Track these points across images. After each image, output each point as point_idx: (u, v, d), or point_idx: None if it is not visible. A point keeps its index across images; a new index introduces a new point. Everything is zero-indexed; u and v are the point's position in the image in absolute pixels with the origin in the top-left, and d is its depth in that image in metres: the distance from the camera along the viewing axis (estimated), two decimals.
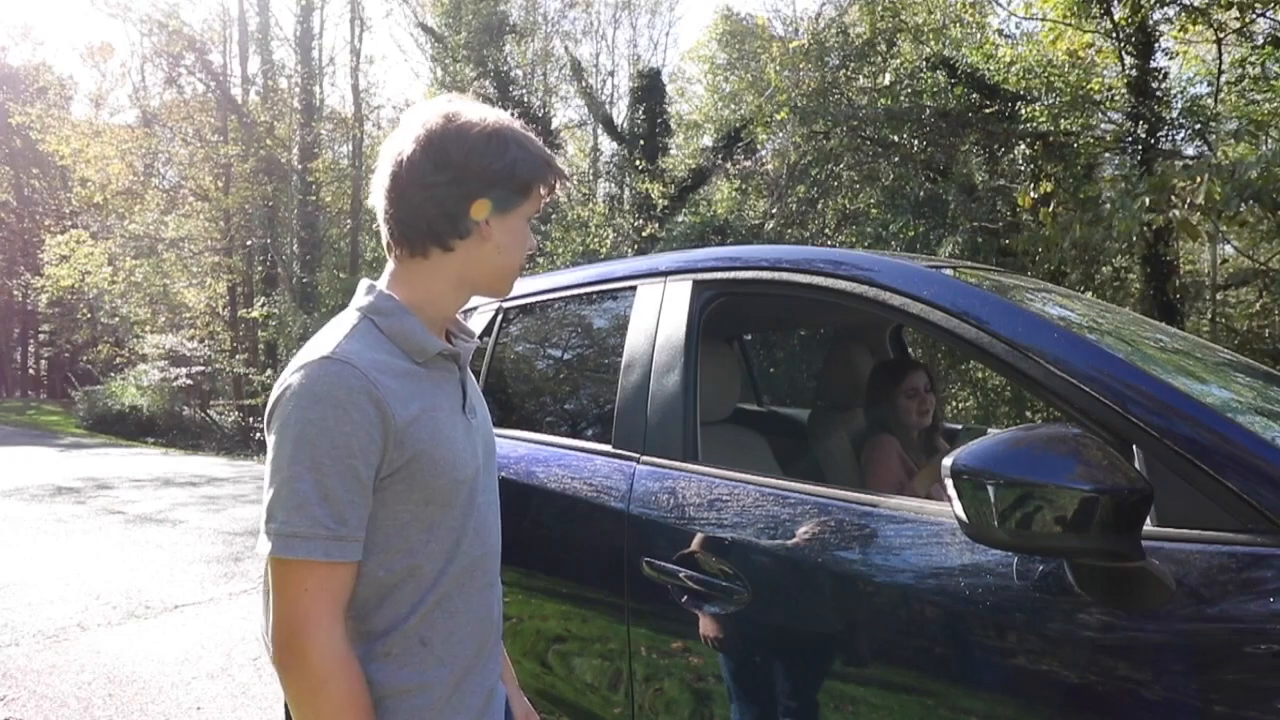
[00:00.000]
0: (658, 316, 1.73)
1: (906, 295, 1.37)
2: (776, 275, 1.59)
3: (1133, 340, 1.51)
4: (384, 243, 1.04)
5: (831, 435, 2.40)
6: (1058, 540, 0.98)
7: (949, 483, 1.00)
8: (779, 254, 1.62)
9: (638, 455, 1.63)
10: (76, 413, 19.94)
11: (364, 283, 1.04)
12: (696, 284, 1.72)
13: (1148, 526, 1.05)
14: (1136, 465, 1.09)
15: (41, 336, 33.53)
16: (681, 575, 1.44)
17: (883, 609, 1.22)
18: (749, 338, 3.10)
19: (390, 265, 1.04)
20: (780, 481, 1.42)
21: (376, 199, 1.02)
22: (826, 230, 12.83)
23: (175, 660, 3.68)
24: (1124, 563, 0.98)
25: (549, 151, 1.06)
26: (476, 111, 1.01)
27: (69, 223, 22.24)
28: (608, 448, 1.70)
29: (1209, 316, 15.69)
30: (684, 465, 1.56)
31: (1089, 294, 11.12)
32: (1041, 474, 0.97)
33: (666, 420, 1.62)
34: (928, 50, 11.96)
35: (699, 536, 1.44)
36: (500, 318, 2.16)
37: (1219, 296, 16.21)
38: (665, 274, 1.79)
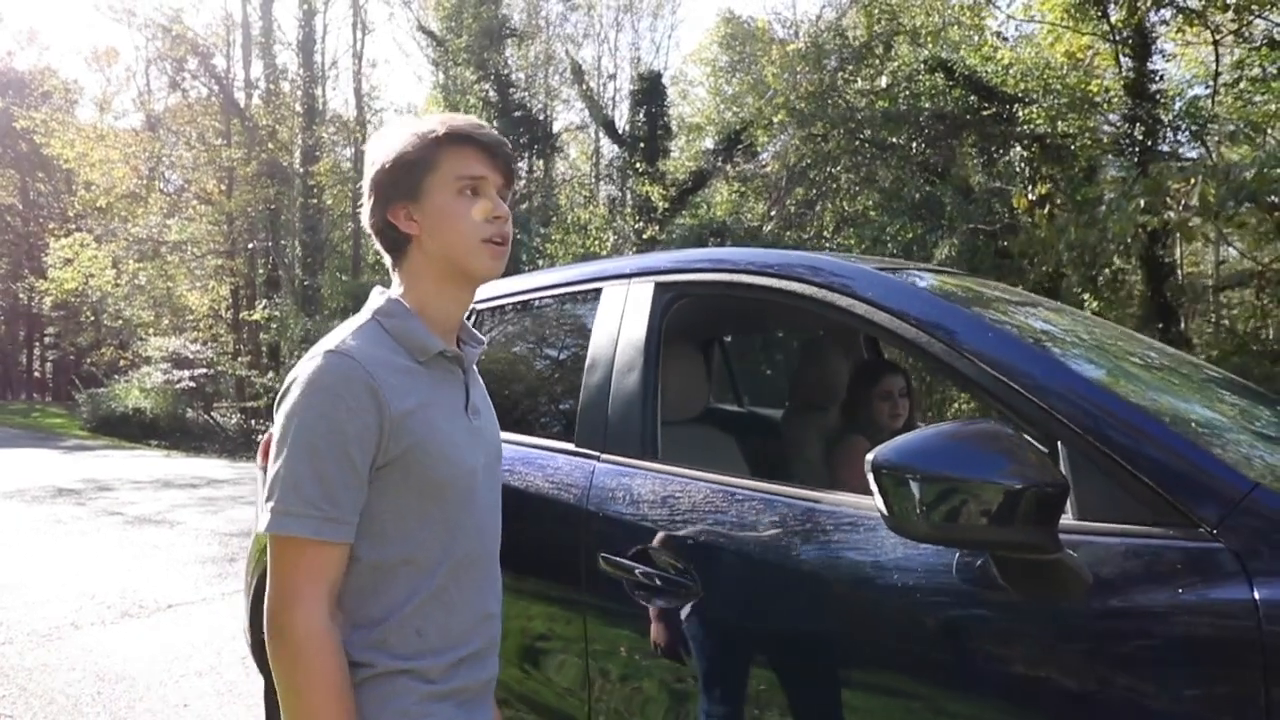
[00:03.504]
0: (620, 317, 1.76)
1: (852, 296, 1.40)
2: (731, 277, 1.62)
3: (1116, 354, 1.54)
4: None
5: (803, 435, 2.43)
6: (978, 533, 1.01)
7: (870, 477, 1.03)
8: (733, 256, 1.65)
9: (598, 453, 1.67)
10: (80, 415, 20.04)
11: (377, 289, 1.12)
12: (658, 286, 1.75)
13: (1071, 520, 1.09)
14: (1061, 461, 1.12)
15: (46, 339, 33.70)
16: (636, 571, 1.48)
17: (823, 602, 1.25)
18: (729, 339, 3.13)
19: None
20: (731, 479, 1.45)
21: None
22: (825, 232, 12.86)
23: (166, 659, 3.72)
24: (1041, 555, 1.01)
25: (453, 114, 1.10)
26: (388, 130, 1.11)
27: (73, 226, 22.35)
28: (571, 446, 1.74)
29: (1211, 318, 15.64)
30: (642, 463, 1.59)
31: (1087, 296, 11.15)
32: (963, 469, 0.99)
33: (627, 419, 1.66)
34: (925, 53, 11.97)
35: (652, 532, 1.48)
36: (472, 319, 2.19)
37: (1221, 298, 16.15)
38: (629, 276, 1.82)
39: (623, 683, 1.52)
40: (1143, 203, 7.91)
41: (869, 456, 1.03)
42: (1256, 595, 0.92)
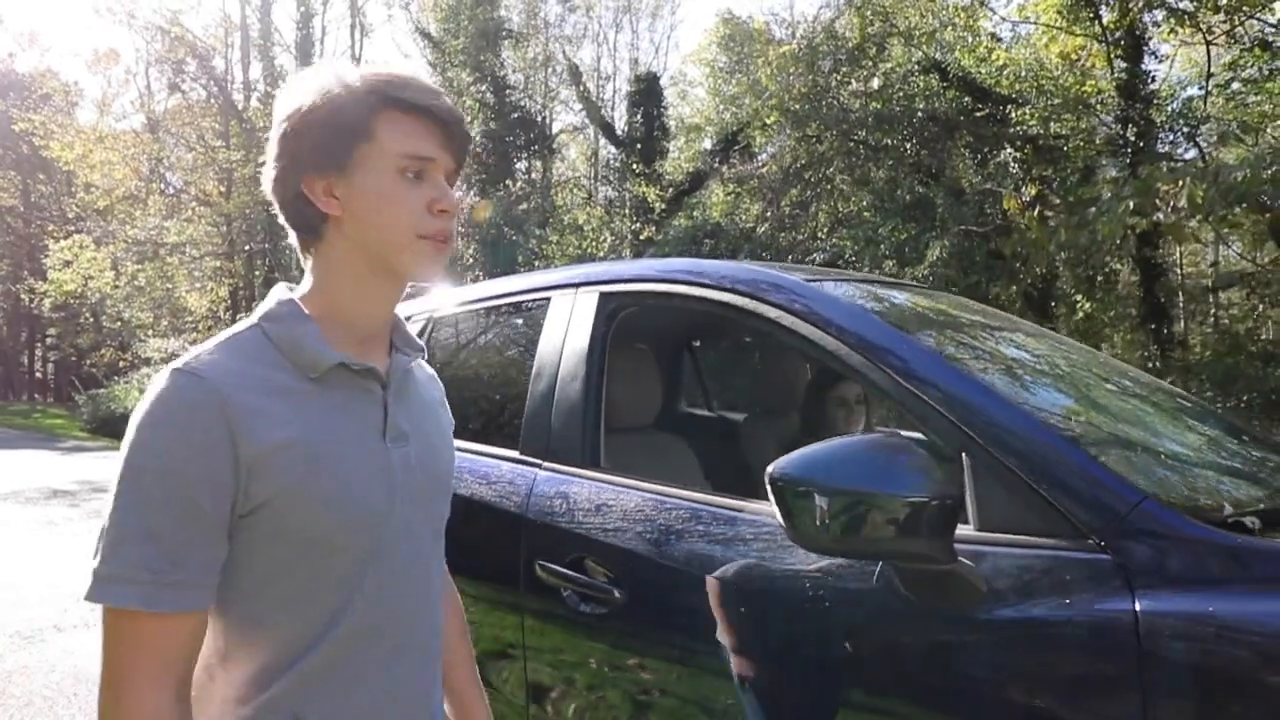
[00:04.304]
0: (566, 326, 1.79)
1: (780, 308, 1.42)
2: (669, 288, 1.64)
3: (1087, 382, 1.57)
4: None
5: (762, 441, 2.45)
6: (876, 546, 1.03)
7: (769, 489, 1.05)
8: (672, 266, 1.68)
9: (541, 461, 1.69)
10: (80, 416, 20.11)
11: (281, 285, 0.91)
12: (602, 295, 1.77)
13: (971, 531, 1.10)
14: (965, 472, 1.14)
15: (48, 341, 33.81)
16: (569, 578, 1.50)
17: (739, 607, 1.28)
18: (698, 344, 3.15)
19: None
20: (661, 487, 1.47)
21: None
22: (819, 233, 12.88)
23: None
24: (936, 565, 1.03)
25: (400, 73, 0.86)
26: (308, 75, 0.87)
27: (72, 228, 22.46)
28: (515, 454, 1.76)
29: (1210, 320, 15.58)
30: (581, 471, 1.61)
31: (1080, 297, 11.15)
32: (864, 482, 1.02)
33: (569, 426, 1.68)
34: (919, 54, 12.00)
35: (583, 540, 1.50)
36: (430, 328, 2.22)
37: (1221, 299, 16.11)
38: (576, 286, 1.85)
39: (559, 690, 1.54)
40: (1132, 204, 7.92)
41: (768, 469, 1.05)
42: (1137, 607, 0.93)
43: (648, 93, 16.95)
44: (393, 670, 0.88)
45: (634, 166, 16.03)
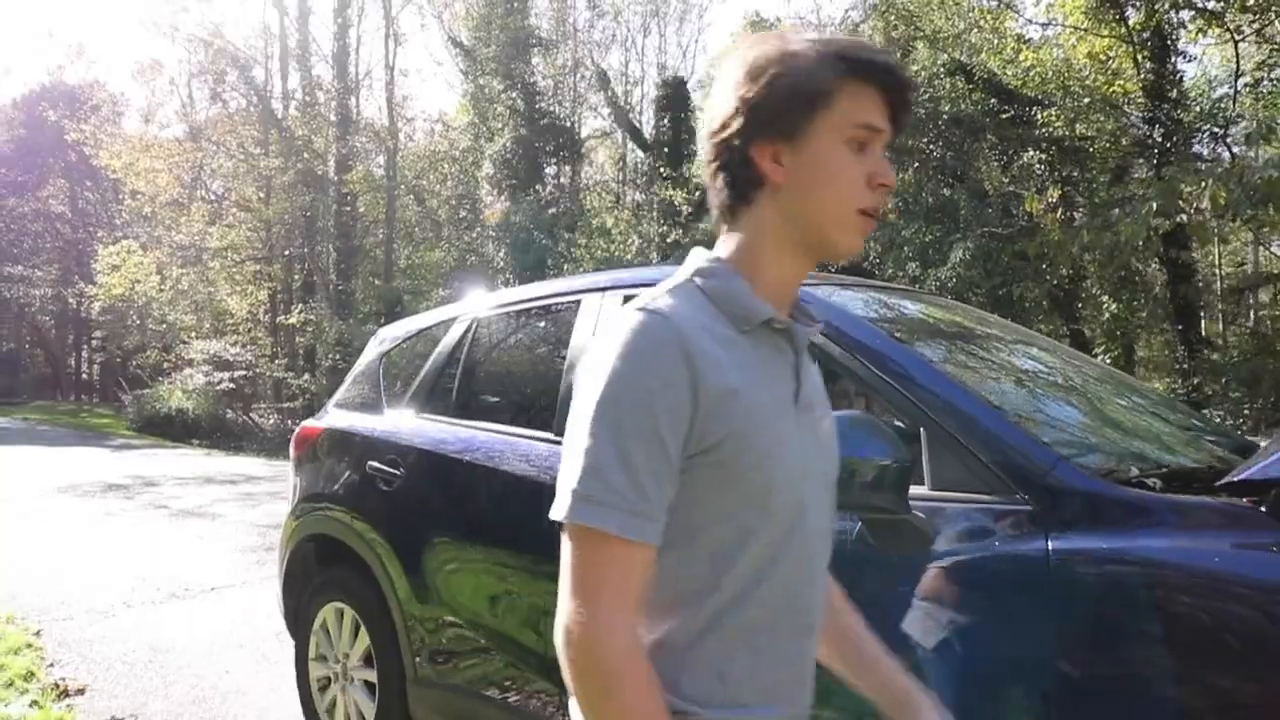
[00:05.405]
0: (595, 323, 2.05)
1: None
2: None
3: (1097, 395, 1.81)
4: None
5: None
6: (851, 499, 1.27)
7: None
8: None
9: None
10: (127, 415, 20.86)
11: (698, 249, 0.91)
12: (626, 298, 2.03)
13: (926, 490, 1.35)
14: (922, 444, 1.38)
15: (94, 342, 34.94)
16: None
17: None
18: None
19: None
20: None
21: None
22: None
23: (209, 633, 4.09)
24: (893, 516, 1.27)
25: (858, 40, 0.87)
26: (766, 37, 0.85)
27: (120, 234, 23.29)
28: (551, 435, 2.03)
29: (1245, 321, 15.40)
30: None
31: (1106, 298, 11.17)
32: (844, 449, 1.26)
33: None
34: (944, 57, 12.10)
35: None
36: (474, 328, 2.50)
37: (1261, 299, 15.94)
38: (603, 289, 2.12)
39: None
40: (1155, 206, 7.99)
41: None
42: (1049, 546, 1.17)
43: (675, 97, 17.20)
44: (800, 647, 0.88)
45: (661, 170, 16.29)
